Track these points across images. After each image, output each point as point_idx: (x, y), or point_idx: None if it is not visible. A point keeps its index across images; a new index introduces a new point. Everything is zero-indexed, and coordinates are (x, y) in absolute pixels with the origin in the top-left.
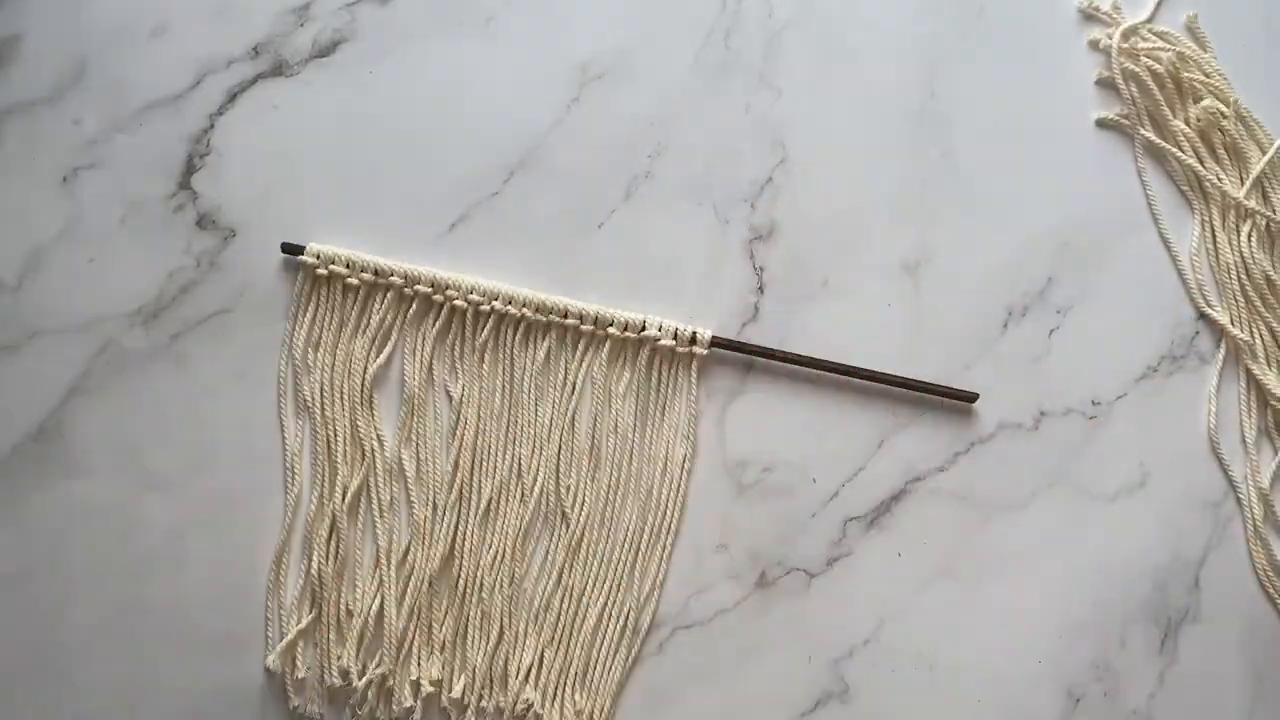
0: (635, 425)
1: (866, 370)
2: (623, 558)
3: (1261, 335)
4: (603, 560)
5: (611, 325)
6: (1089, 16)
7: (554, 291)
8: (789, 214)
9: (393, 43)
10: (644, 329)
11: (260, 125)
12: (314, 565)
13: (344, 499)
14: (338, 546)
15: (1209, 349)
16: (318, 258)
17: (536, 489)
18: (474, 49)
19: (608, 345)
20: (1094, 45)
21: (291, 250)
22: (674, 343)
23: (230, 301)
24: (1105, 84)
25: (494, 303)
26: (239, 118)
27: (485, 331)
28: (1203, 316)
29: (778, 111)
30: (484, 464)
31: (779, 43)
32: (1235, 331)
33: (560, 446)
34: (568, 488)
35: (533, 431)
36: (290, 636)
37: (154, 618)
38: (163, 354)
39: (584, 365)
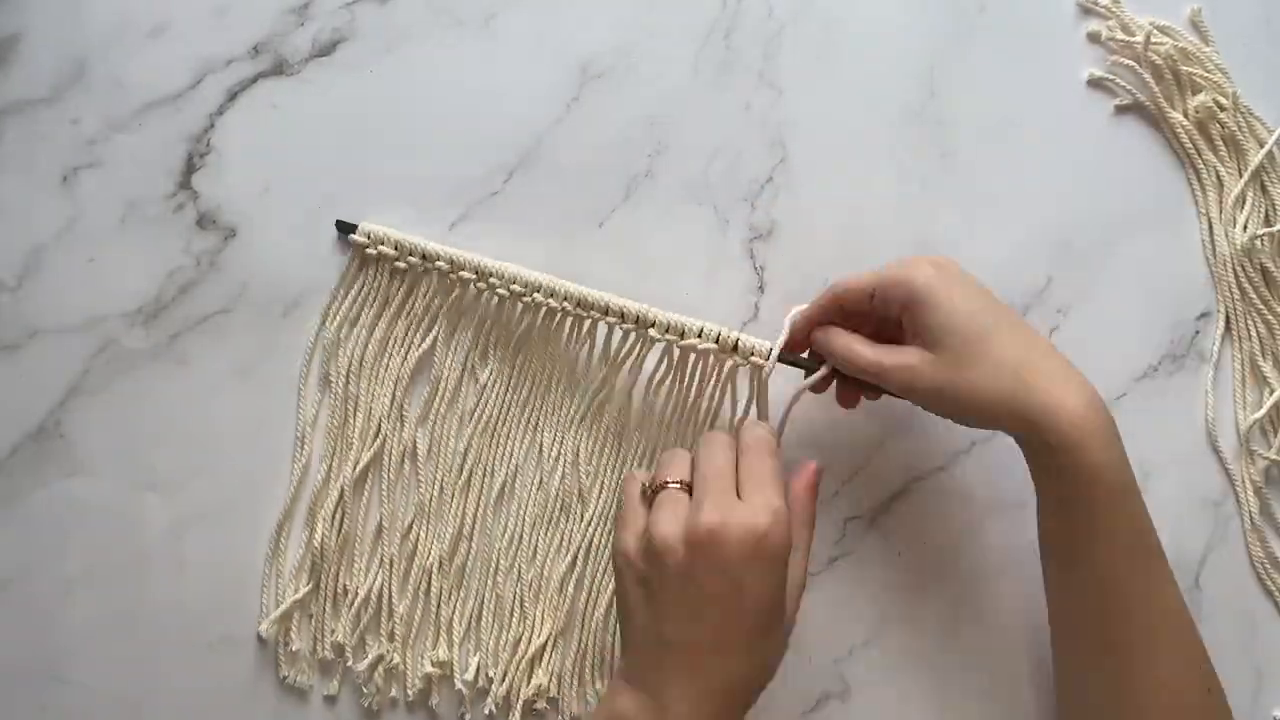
0: (668, 423)
1: None
2: None
3: (1259, 329)
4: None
5: (653, 327)
6: (1087, 10)
7: None
8: (789, 214)
9: (393, 42)
10: (684, 335)
11: (260, 125)
12: (318, 536)
13: (354, 471)
14: (342, 521)
15: (1210, 348)
16: (368, 237)
17: (558, 476)
18: (474, 48)
19: (650, 345)
20: (1093, 39)
21: (345, 229)
22: (715, 347)
23: (230, 301)
24: (1104, 79)
25: (535, 295)
26: (239, 117)
27: (525, 322)
28: (1203, 314)
29: (778, 111)
30: (501, 449)
31: (779, 42)
32: (1234, 326)
33: (583, 436)
34: (588, 473)
35: (556, 419)
36: (285, 606)
37: (154, 618)
38: (163, 354)
39: (620, 363)
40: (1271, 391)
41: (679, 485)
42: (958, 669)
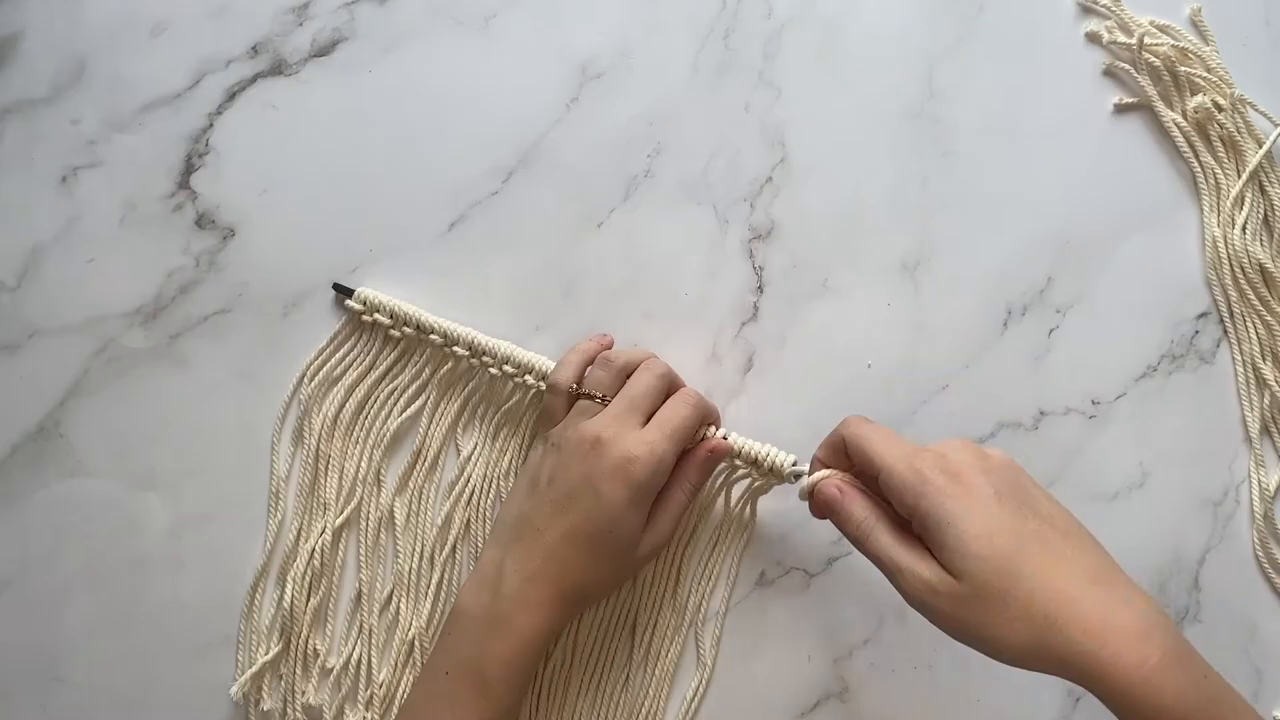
0: None
1: None
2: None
3: (1258, 329)
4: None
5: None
6: (1087, 10)
7: (555, 290)
8: (789, 214)
9: (392, 42)
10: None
11: (260, 125)
12: (288, 597)
13: (328, 533)
14: (313, 583)
15: (1209, 347)
16: (364, 304)
17: None
18: (474, 48)
19: None
20: (1092, 39)
21: (342, 292)
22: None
23: (230, 301)
24: (1103, 78)
25: (528, 377)
26: (238, 117)
27: (513, 401)
28: (1202, 314)
29: (778, 111)
30: (484, 521)
31: (779, 43)
32: (1233, 326)
33: None
34: None
35: None
36: (256, 667)
37: (153, 618)
38: (163, 354)
39: None
40: (1271, 392)
41: (600, 400)
42: (957, 669)
